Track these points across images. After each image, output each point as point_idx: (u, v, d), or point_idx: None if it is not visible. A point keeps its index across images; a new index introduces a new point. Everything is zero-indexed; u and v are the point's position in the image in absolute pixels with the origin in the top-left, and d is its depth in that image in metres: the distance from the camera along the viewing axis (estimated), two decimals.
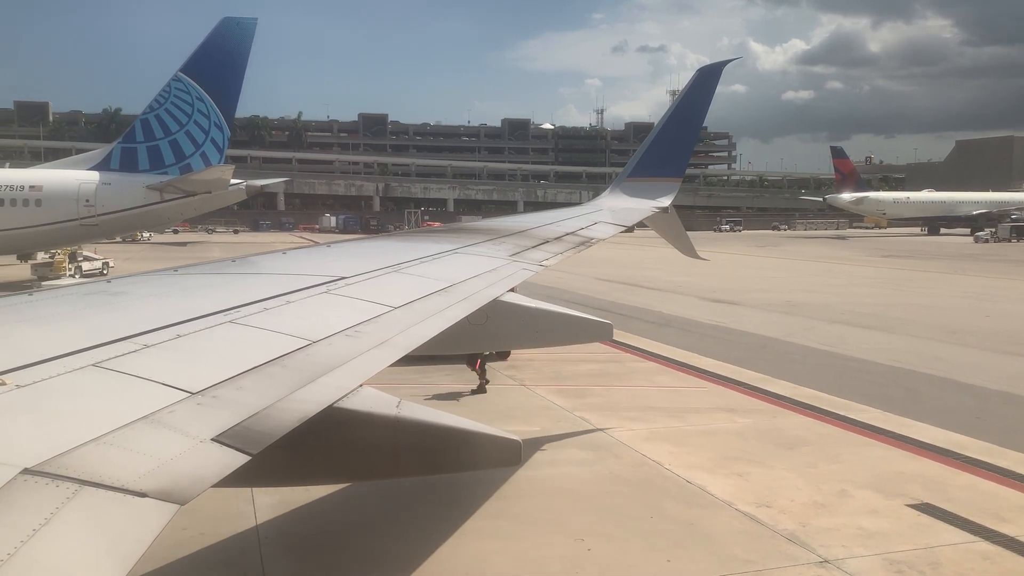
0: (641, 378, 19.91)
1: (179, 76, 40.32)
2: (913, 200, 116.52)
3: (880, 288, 43.39)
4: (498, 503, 11.33)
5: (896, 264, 60.68)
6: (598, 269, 49.79)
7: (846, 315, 31.18)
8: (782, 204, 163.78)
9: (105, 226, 40.31)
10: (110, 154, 40.64)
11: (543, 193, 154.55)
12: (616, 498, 11.62)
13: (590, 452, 13.76)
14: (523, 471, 12.75)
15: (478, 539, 10.09)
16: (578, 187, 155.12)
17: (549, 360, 21.98)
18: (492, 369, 20.80)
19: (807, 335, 26.61)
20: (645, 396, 17.87)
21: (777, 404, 17.16)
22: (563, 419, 15.82)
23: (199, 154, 40.60)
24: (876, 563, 9.49)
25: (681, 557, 9.64)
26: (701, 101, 17.45)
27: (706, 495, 11.73)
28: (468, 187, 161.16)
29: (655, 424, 15.45)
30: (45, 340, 4.38)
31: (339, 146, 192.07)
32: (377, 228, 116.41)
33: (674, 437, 14.58)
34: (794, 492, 11.83)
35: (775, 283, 46.06)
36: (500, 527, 10.49)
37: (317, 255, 9.47)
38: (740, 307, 34.10)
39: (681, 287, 41.68)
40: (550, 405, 16.94)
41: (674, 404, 17.17)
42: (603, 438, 14.54)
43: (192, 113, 40.41)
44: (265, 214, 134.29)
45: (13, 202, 38.79)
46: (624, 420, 15.64)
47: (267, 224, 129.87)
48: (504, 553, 9.67)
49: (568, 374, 20.23)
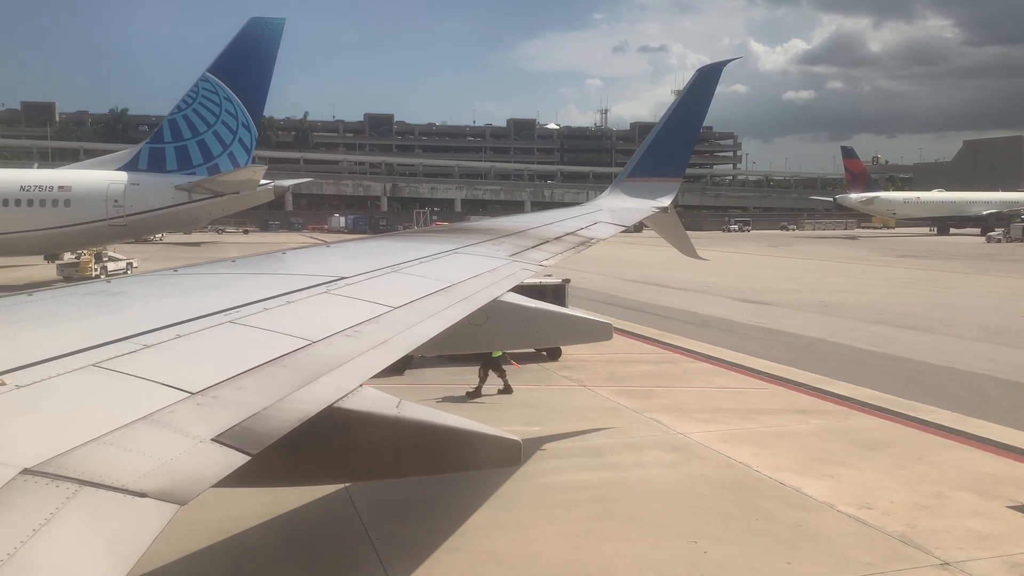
0: (700, 379, 19.88)
1: (207, 76, 40.27)
2: (924, 200, 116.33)
3: (907, 288, 43.35)
4: (600, 505, 11.31)
5: (915, 264, 60.61)
6: (621, 270, 49.84)
7: (884, 316, 31.14)
8: (789, 204, 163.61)
9: (133, 226, 40.28)
10: (138, 154, 40.62)
11: (550, 193, 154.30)
12: (714, 500, 11.60)
13: (674, 454, 13.74)
14: (614, 472, 12.77)
15: (595, 541, 10.07)
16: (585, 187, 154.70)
17: (601, 360, 21.96)
18: (547, 369, 20.86)
19: (852, 336, 26.57)
20: (710, 397, 17.84)
21: (843, 405, 17.14)
22: (636, 420, 15.79)
23: (227, 154, 40.57)
24: (998, 566, 9.48)
25: (800, 559, 9.62)
26: (701, 101, 17.49)
27: (804, 497, 11.71)
28: (475, 187, 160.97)
29: (729, 426, 15.42)
30: (45, 340, 4.36)
31: (345, 146, 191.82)
32: (387, 228, 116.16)
33: (752, 439, 14.56)
34: (891, 494, 11.80)
35: (801, 283, 46.01)
36: (610, 529, 10.47)
37: (317, 255, 9.47)
38: (774, 307, 34.06)
39: (708, 287, 41.63)
40: (617, 406, 16.92)
41: (741, 405, 17.14)
42: (682, 440, 14.52)
43: (220, 113, 40.37)
44: (274, 214, 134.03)
45: (43, 202, 38.78)
46: (696, 422, 15.61)
47: (276, 224, 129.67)
48: (624, 556, 9.65)
49: (624, 375, 20.21)
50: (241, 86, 40.28)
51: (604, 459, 13.41)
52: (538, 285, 23.79)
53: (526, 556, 9.69)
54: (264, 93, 40.99)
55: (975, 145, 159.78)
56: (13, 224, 38.34)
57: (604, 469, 12.91)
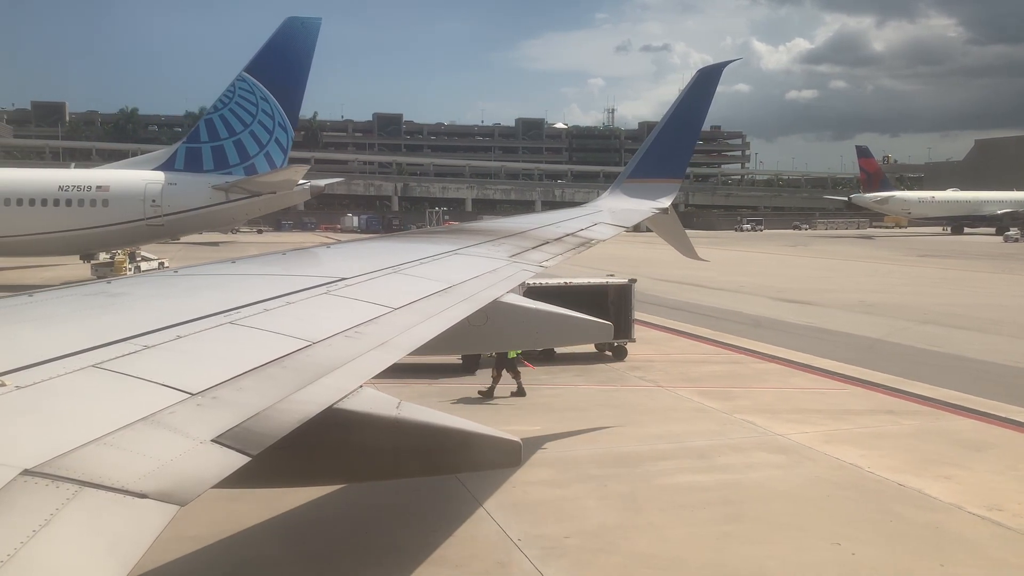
0: (775, 380, 19.81)
1: (243, 76, 40.32)
2: (939, 200, 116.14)
3: (941, 288, 43.26)
4: (727, 507, 11.26)
5: (940, 264, 60.46)
6: (651, 270, 49.55)
7: (930, 316, 31.05)
8: (799, 203, 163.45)
9: (171, 226, 40.35)
10: (175, 154, 40.68)
11: (560, 193, 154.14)
12: (840, 502, 11.54)
13: (780, 455, 13.68)
14: (726, 474, 12.73)
15: (736, 543, 10.02)
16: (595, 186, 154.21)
17: (668, 361, 21.95)
18: (616, 369, 20.82)
19: (906, 336, 26.49)
20: (792, 398, 17.77)
21: (929, 406, 17.07)
22: (728, 422, 15.73)
23: (263, 154, 40.63)
24: None
25: (951, 561, 9.57)
26: (701, 103, 17.53)
27: (929, 498, 11.64)
28: (486, 187, 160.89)
29: (822, 427, 15.34)
30: (45, 341, 4.35)
31: (354, 146, 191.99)
32: (400, 228, 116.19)
33: (852, 440, 14.49)
34: (1017, 495, 11.74)
35: (833, 283, 45.90)
36: (746, 531, 10.42)
37: (317, 256, 9.40)
38: (817, 307, 33.98)
39: (743, 287, 41.57)
40: (702, 407, 16.86)
41: (827, 406, 17.08)
42: (782, 441, 14.46)
43: (256, 113, 40.43)
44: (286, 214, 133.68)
45: (81, 202, 38.85)
46: (789, 423, 15.54)
47: (289, 224, 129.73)
48: (775, 559, 9.59)
49: (697, 375, 20.15)
50: (278, 86, 40.34)
51: (711, 461, 13.36)
52: (601, 286, 23.80)
53: (672, 558, 9.64)
54: (301, 93, 41.04)
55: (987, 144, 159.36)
56: (52, 224, 38.44)
57: (715, 471, 12.86)
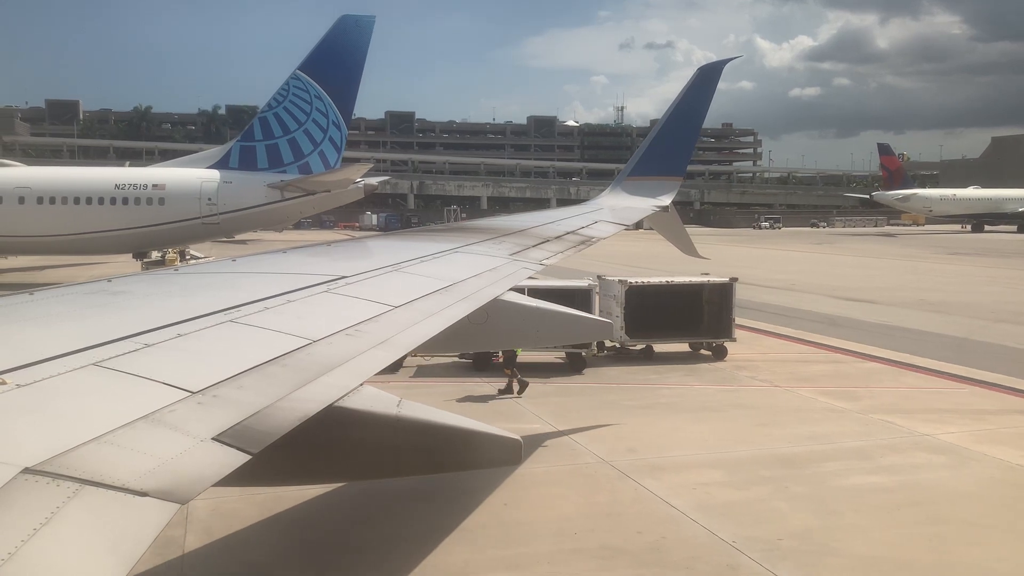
0: (888, 379, 19.75)
1: (297, 74, 40.24)
2: (960, 197, 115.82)
3: (994, 286, 43.14)
4: (922, 509, 11.24)
5: (975, 262, 60.24)
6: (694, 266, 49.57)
7: (1001, 315, 30.95)
8: (814, 201, 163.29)
9: (226, 225, 40.28)
10: (229, 152, 40.63)
11: (575, 190, 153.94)
12: None
13: (939, 455, 13.64)
14: (898, 475, 12.67)
15: (954, 545, 10.02)
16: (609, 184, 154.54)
17: (768, 360, 21.92)
18: (721, 369, 20.79)
19: (989, 334, 26.40)
20: (915, 397, 17.72)
21: None
22: (867, 422, 15.66)
23: (317, 152, 40.54)
24: None
25: None
26: (701, 100, 17.52)
27: None
28: (501, 184, 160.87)
29: (965, 427, 15.27)
30: (46, 339, 4.37)
31: (367, 144, 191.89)
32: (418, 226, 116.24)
33: (1003, 440, 14.45)
34: None
35: (881, 281, 45.70)
36: (956, 532, 10.43)
37: (318, 254, 9.48)
38: (882, 306, 33.87)
39: (796, 285, 41.48)
40: (833, 407, 16.81)
41: (954, 405, 17.03)
42: (933, 441, 14.40)
43: (311, 111, 40.34)
44: None
45: (137, 200, 38.83)
46: (928, 423, 15.48)
47: (308, 222, 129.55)
48: (1003, 561, 9.56)
49: (807, 375, 20.11)
50: (331, 84, 40.23)
51: (875, 462, 13.31)
52: (697, 284, 23.74)
53: (898, 560, 9.62)
54: (354, 91, 40.92)
55: (1003, 142, 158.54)
56: (109, 222, 38.43)
57: (884, 472, 12.81)
